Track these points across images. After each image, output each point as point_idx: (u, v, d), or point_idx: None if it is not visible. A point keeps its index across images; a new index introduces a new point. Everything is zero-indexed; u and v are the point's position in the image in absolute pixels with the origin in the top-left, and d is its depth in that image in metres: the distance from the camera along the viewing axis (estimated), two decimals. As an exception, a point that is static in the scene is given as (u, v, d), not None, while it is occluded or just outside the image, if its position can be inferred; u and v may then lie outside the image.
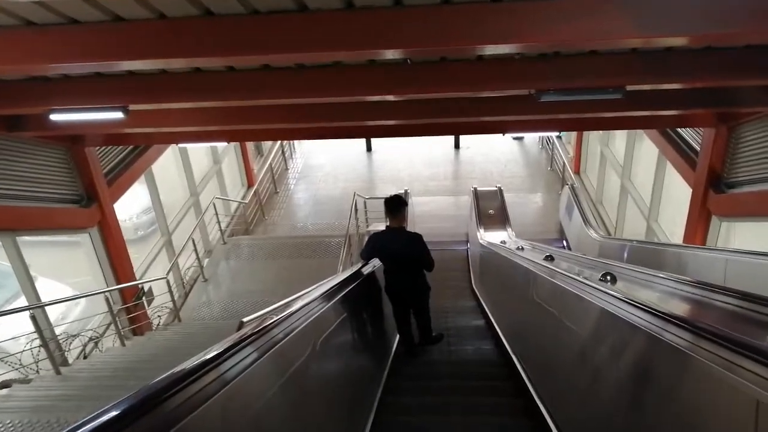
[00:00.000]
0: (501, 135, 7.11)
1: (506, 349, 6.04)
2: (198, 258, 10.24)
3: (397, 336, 6.27)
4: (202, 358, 1.63)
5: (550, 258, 5.39)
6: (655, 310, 2.03)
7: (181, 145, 9.34)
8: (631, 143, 10.53)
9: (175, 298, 9.44)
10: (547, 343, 4.32)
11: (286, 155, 16.93)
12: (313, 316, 2.89)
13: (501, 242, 9.48)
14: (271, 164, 15.16)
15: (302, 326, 2.62)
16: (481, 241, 9.84)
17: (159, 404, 1.35)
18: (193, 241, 10.00)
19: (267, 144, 16.78)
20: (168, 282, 8.85)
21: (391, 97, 5.39)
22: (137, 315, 8.58)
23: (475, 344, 7.06)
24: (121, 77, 4.93)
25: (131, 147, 8.89)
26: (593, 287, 2.95)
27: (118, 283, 8.38)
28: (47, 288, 7.88)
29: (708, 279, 2.49)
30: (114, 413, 1.24)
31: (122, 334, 7.72)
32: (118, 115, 4.96)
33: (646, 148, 9.95)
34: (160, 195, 10.07)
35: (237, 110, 6.25)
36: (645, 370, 2.09)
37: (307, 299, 3.02)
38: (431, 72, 4.69)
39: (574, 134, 14.99)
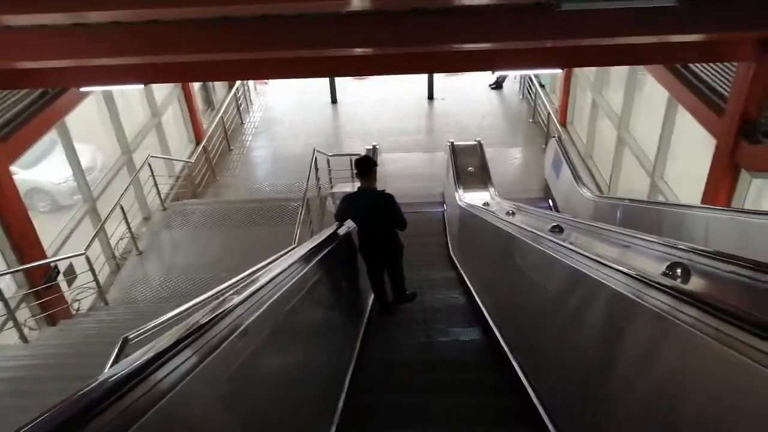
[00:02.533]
0: (489, 73, 5.70)
1: (495, 335, 4.81)
2: (129, 227, 8.68)
3: (372, 295, 6.31)
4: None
5: (558, 229, 4.07)
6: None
7: (91, 90, 7.63)
8: (631, 88, 9.17)
9: (101, 277, 7.95)
10: (553, 336, 3.23)
11: (241, 108, 15.19)
12: (279, 292, 2.58)
13: (484, 204, 8.20)
14: (222, 118, 13.45)
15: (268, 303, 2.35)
16: (460, 203, 8.51)
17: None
18: (122, 207, 8.43)
19: (219, 95, 15.02)
20: (87, 258, 7.33)
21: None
22: (49, 300, 7.08)
23: (457, 333, 5.79)
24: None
25: (35, 95, 7.21)
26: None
27: (21, 263, 6.84)
28: None
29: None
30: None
31: (23, 328, 6.26)
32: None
33: (650, 93, 8.61)
34: (80, 154, 8.41)
35: (162, 33, 4.58)
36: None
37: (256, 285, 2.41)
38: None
39: (559, 81, 13.58)
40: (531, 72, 12.35)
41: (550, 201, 11.14)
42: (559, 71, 7.72)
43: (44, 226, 7.60)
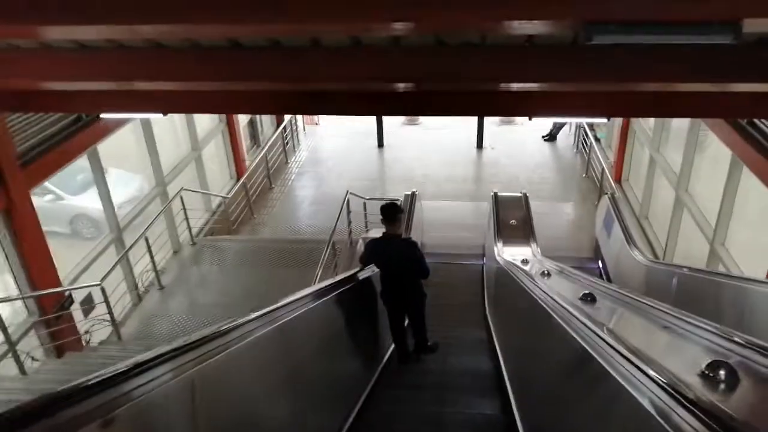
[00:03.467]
0: (527, 120, 5.22)
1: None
2: (152, 260, 8.47)
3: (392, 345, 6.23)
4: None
5: (589, 298, 3.50)
6: None
7: (136, 117, 7.52)
8: (691, 145, 8.45)
9: (119, 310, 7.71)
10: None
11: (287, 147, 15.14)
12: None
13: (522, 261, 7.57)
14: (266, 155, 13.37)
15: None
16: (498, 258, 7.90)
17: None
18: (146, 239, 8.24)
19: (267, 133, 15.04)
20: (103, 289, 7.10)
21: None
22: (60, 330, 6.85)
23: (473, 406, 5.14)
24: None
25: (68, 120, 7.18)
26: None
27: (33, 289, 6.66)
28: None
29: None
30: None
31: (26, 358, 6.00)
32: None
33: (712, 151, 7.88)
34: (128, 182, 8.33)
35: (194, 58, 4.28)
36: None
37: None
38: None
39: (616, 136, 12.90)
40: (574, 120, 11.73)
41: (600, 262, 10.34)
42: (605, 121, 7.10)
43: (71, 252, 7.49)
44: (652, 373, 1.53)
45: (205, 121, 11.61)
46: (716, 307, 5.30)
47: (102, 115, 6.67)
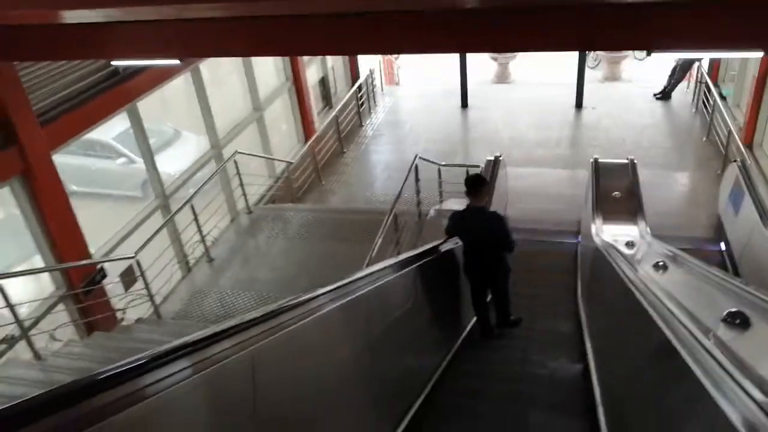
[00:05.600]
0: (645, 55, 3.75)
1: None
2: (200, 230, 7.68)
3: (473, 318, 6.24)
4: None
5: (738, 320, 2.13)
6: None
7: (149, 64, 6.58)
8: None
9: (160, 285, 7.00)
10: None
11: (362, 109, 14.00)
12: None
13: (627, 244, 6.09)
14: (337, 117, 12.31)
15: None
16: (595, 238, 6.44)
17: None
18: (192, 207, 7.44)
19: (341, 94, 13.96)
20: (138, 263, 6.38)
21: None
22: (91, 305, 6.21)
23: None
24: None
25: (99, 75, 6.41)
26: None
27: (60, 261, 6.02)
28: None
29: None
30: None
31: (52, 336, 5.37)
32: None
33: None
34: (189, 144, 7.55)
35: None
36: None
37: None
38: None
39: (749, 91, 10.69)
40: (712, 54, 9.53)
41: (723, 244, 8.50)
42: (760, 54, 5.11)
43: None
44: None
45: (270, 78, 10.69)
46: None
47: (115, 63, 5.79)
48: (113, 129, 8.92)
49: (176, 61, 4.76)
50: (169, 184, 7.87)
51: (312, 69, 12.50)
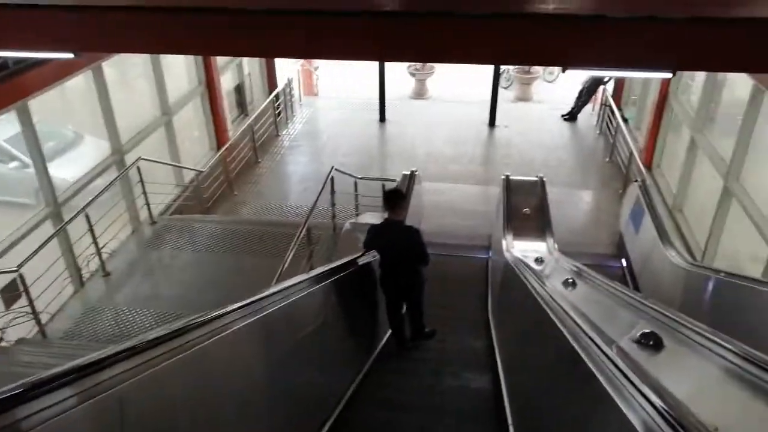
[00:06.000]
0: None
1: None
2: (95, 242, 7.14)
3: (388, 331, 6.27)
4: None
5: (652, 342, 2.16)
6: None
7: (38, 56, 6.07)
8: (749, 124, 6.95)
9: (47, 301, 6.42)
10: None
11: (279, 119, 13.70)
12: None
13: (536, 260, 6.21)
14: (252, 126, 11.95)
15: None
16: (506, 254, 6.52)
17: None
18: (87, 216, 6.91)
19: (258, 102, 13.60)
20: (21, 278, 5.80)
21: None
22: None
23: None
24: None
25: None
26: None
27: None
28: None
29: None
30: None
31: None
32: None
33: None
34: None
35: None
36: None
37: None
38: None
39: (648, 115, 11.35)
40: (623, 74, 10.00)
41: (623, 260, 8.90)
42: (669, 75, 5.30)
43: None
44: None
45: (181, 82, 10.22)
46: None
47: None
48: (5, 130, 8.22)
49: (69, 55, 4.35)
50: (64, 191, 7.26)
51: (227, 75, 12.10)
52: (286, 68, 15.06)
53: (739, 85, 7.77)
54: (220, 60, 11.21)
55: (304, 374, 3.79)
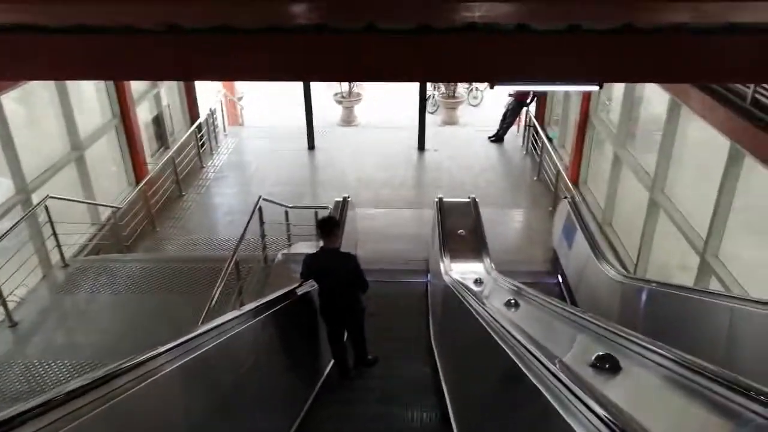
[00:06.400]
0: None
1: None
2: (-1, 291, 6.45)
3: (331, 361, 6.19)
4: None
5: (608, 365, 1.98)
6: None
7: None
8: (669, 137, 7.17)
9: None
10: None
11: (203, 150, 13.19)
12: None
13: (475, 281, 6.08)
14: (174, 158, 11.40)
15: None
16: (445, 277, 6.36)
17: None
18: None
19: (179, 133, 13.04)
20: None
21: None
22: None
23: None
24: None
25: None
26: None
27: None
28: None
29: None
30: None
31: None
32: None
33: (701, 142, 6.62)
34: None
35: None
36: None
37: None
38: None
39: (571, 133, 11.66)
40: (550, 88, 10.26)
41: (559, 276, 8.96)
42: (594, 89, 5.39)
43: None
44: None
45: (92, 115, 9.61)
46: (741, 340, 3.92)
47: None
48: None
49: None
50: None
51: (144, 106, 11.52)
52: (209, 98, 14.61)
53: (654, 102, 8.06)
54: (135, 91, 10.67)
55: (243, 415, 3.50)
